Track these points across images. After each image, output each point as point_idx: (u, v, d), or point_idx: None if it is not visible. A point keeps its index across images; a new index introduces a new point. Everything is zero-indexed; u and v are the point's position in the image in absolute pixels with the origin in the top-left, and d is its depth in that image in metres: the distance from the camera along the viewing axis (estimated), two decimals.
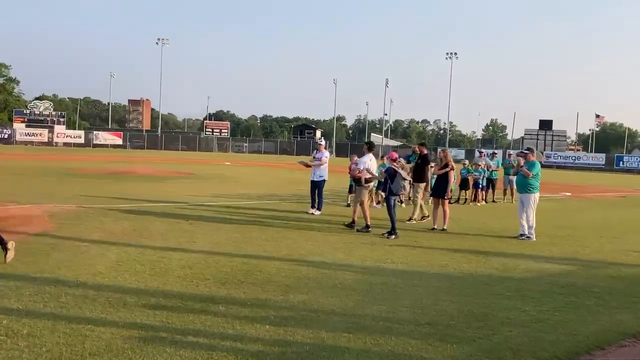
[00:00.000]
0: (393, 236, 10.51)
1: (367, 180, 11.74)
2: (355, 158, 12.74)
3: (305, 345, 4.78)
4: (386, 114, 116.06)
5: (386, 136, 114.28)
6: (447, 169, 12.08)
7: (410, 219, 12.80)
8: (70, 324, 4.98)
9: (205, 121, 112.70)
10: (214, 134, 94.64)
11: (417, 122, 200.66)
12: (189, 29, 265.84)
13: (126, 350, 4.44)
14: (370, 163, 11.83)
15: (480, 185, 18.33)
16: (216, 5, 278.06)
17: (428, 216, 12.97)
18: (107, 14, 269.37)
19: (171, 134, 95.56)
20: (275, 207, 14.85)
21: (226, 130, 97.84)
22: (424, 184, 13.52)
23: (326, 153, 14.28)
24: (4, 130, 74.59)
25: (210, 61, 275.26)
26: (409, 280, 7.30)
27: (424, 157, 13.54)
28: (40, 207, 12.44)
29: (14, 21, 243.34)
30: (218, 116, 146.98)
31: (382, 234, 10.60)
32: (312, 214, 13.50)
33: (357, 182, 11.57)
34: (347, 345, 4.82)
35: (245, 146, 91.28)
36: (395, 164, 11.13)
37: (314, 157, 14.33)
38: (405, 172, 11.71)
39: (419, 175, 13.29)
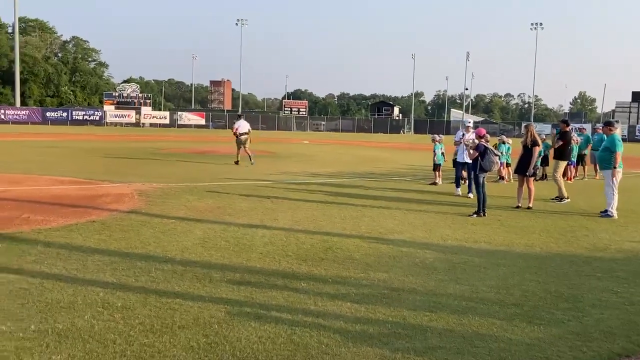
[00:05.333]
0: (475, 215, 10.25)
1: (242, 134, 19.66)
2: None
3: (386, 323, 4.77)
4: (467, 89, 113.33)
5: (467, 111, 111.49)
6: (537, 147, 11.64)
7: (562, 199, 12.53)
8: (160, 298, 5.21)
9: (283, 100, 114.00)
10: (293, 112, 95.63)
11: (500, 97, 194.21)
12: (268, 9, 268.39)
13: (213, 324, 4.60)
14: (241, 124, 19.96)
15: (572, 162, 17.45)
16: None
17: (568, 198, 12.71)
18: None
19: (251, 114, 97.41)
20: (353, 185, 14.86)
21: (304, 109, 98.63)
22: (565, 162, 13.38)
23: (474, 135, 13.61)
24: (96, 113, 78.68)
25: (289, 40, 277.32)
26: (492, 260, 7.11)
27: (564, 134, 13.27)
28: (130, 185, 13.05)
29: (103, 7, 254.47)
30: (296, 95, 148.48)
31: (470, 214, 10.34)
32: (458, 194, 13.23)
33: None
34: (429, 325, 4.76)
35: (323, 124, 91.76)
36: (482, 140, 10.82)
37: (461, 139, 13.63)
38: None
39: (559, 152, 13.18)
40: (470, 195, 12.59)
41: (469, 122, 14.23)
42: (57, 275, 5.82)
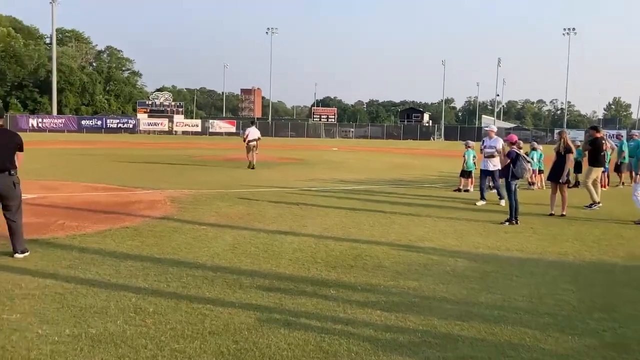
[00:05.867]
0: (507, 223, 10.11)
1: (251, 141, 21.37)
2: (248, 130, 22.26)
3: (417, 332, 4.73)
4: (498, 95, 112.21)
5: (498, 118, 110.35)
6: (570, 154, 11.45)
7: (592, 204, 12.47)
8: (191, 303, 5.26)
9: (312, 108, 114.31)
10: (322, 120, 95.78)
11: (532, 103, 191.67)
12: (297, 17, 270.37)
13: (243, 330, 4.62)
14: (251, 131, 21.81)
15: (606, 169, 17.03)
16: None
17: (599, 203, 12.60)
18: (219, 6, 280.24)
19: (281, 121, 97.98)
20: (382, 192, 14.80)
21: (333, 116, 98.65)
22: (598, 168, 13.23)
23: (500, 140, 12.82)
24: (129, 121, 79.96)
25: (318, 48, 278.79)
26: (525, 268, 7.00)
27: (594, 141, 13.11)
28: (163, 192, 13.24)
29: (136, 17, 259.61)
30: (325, 102, 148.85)
31: (502, 222, 10.20)
32: (476, 204, 12.68)
33: None
34: (460, 334, 4.71)
35: (352, 131, 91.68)
36: (514, 146, 10.68)
37: (483, 147, 13.22)
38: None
39: (592, 159, 13.10)
40: (502, 202, 12.40)
41: (487, 127, 13.92)
42: (90, 281, 5.93)
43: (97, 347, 4.23)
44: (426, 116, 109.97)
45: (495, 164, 12.81)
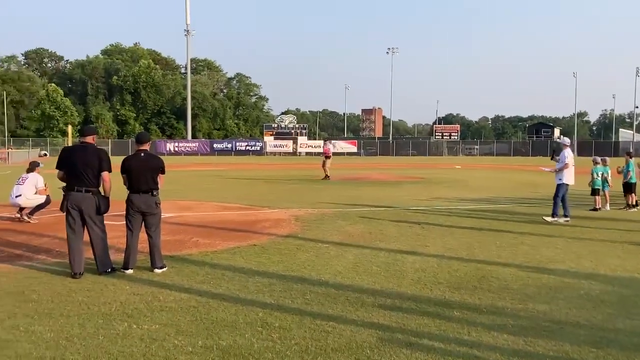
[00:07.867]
0: None
1: (327, 156, 26.24)
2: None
3: (546, 357, 4.49)
4: (637, 107, 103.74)
5: (638, 131, 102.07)
6: None
7: None
8: (315, 320, 5.37)
9: (434, 125, 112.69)
10: (444, 137, 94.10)
11: None
12: (417, 36, 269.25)
13: (365, 349, 4.65)
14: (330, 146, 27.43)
15: None
16: (442, 9, 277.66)
17: None
18: (340, 32, 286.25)
19: (402, 140, 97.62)
20: (510, 211, 14.22)
21: (456, 134, 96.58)
22: None
23: (566, 153, 12.60)
24: (257, 143, 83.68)
25: (439, 65, 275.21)
26: None
27: None
28: (288, 211, 13.66)
29: (263, 46, 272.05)
30: (447, 119, 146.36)
31: None
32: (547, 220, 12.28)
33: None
34: None
35: (476, 148, 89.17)
36: None
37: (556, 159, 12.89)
38: None
39: None
40: (548, 218, 12.00)
41: (559, 139, 13.09)
42: (221, 295, 6.25)
43: (227, 359, 4.45)
44: (557, 131, 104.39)
45: (560, 178, 12.36)
